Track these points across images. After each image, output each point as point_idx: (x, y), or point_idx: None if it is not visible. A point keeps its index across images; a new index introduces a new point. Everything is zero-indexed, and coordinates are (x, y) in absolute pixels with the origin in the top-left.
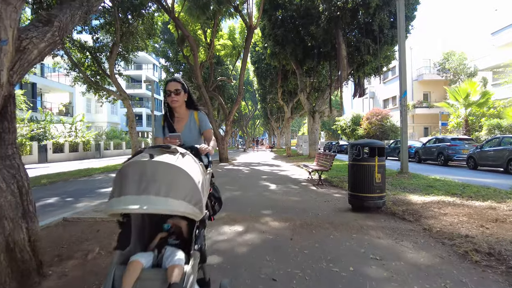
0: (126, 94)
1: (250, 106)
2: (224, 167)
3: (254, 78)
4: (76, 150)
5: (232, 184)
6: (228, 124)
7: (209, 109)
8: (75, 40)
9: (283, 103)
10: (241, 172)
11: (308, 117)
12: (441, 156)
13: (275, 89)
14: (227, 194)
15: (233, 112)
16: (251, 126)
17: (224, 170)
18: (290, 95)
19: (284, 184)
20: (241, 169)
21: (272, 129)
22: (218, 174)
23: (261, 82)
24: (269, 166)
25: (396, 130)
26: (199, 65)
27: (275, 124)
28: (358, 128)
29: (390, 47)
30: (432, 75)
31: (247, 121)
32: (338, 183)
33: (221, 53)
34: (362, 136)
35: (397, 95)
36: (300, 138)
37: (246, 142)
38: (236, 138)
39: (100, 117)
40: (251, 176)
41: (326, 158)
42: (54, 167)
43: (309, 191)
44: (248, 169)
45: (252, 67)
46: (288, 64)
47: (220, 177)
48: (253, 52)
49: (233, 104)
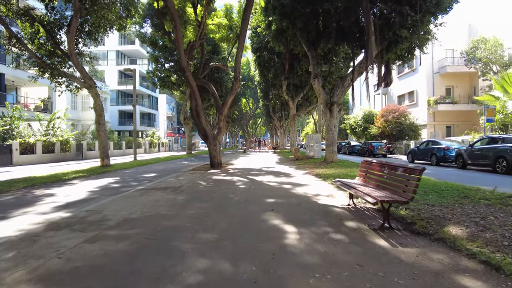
0: (92, 81)
1: (251, 104)
2: (213, 176)
3: (256, 72)
4: (52, 151)
5: (210, 223)
6: (221, 119)
7: (196, 100)
8: (20, 8)
9: (288, 98)
10: (234, 187)
11: (324, 111)
12: (502, 161)
13: (279, 82)
14: (189, 263)
15: (227, 103)
16: (252, 125)
17: (210, 184)
18: (296, 90)
19: (311, 223)
20: (235, 180)
21: (274, 129)
22: (199, 191)
23: (263, 74)
24: (274, 175)
25: (416, 129)
26: (188, 46)
27: (278, 123)
28: (370, 127)
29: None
30: (456, 66)
31: (247, 120)
32: (433, 228)
33: (216, 36)
34: (375, 136)
35: (414, 90)
36: (310, 138)
37: (246, 142)
38: (236, 138)
39: (87, 115)
40: (249, 198)
41: (394, 173)
42: (16, 172)
43: (377, 257)
44: (246, 181)
45: (253, 56)
46: (297, 46)
47: (197, 201)
48: (254, 37)
49: (228, 93)
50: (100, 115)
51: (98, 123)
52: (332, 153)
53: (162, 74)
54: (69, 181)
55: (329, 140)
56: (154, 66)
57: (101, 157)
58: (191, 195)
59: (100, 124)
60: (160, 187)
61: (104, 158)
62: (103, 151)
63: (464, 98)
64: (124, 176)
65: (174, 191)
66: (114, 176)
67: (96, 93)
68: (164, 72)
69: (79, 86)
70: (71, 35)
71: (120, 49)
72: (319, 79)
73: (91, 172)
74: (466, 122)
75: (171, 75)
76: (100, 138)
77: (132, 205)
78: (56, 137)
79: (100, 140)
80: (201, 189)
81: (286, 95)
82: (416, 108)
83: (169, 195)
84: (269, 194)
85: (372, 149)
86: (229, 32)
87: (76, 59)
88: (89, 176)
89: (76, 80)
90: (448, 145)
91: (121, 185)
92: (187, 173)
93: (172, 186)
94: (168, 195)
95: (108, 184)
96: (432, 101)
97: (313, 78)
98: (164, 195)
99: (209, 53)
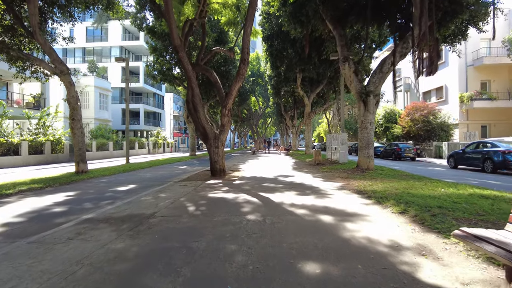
0: (65, 66)
1: (261, 102)
2: (211, 192)
3: (267, 66)
4: (41, 152)
5: None
6: (225, 113)
7: (193, 89)
8: None
9: (303, 94)
10: (237, 222)
11: (358, 103)
12: None
13: (293, 75)
14: None
15: (232, 92)
16: (262, 125)
17: (200, 209)
18: (312, 84)
19: None
20: (241, 202)
21: (285, 128)
22: (174, 233)
23: (275, 65)
24: (297, 191)
25: (448, 128)
26: (185, 24)
27: (289, 122)
28: (393, 126)
29: None
30: (495, 58)
31: (257, 119)
32: None
33: (221, 19)
34: (397, 137)
35: (443, 86)
36: (333, 138)
37: (256, 143)
38: (245, 138)
39: (86, 113)
40: (265, 258)
41: None
42: None
43: None
44: (257, 203)
45: (264, 45)
46: (319, 26)
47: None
48: (266, 23)
49: (234, 80)
50: (74, 108)
51: (72, 119)
52: (368, 158)
53: (163, 67)
54: (2, 199)
55: (364, 141)
56: (155, 57)
57: (76, 162)
58: (156, 244)
59: (74, 120)
60: (117, 217)
61: (79, 162)
62: (79, 153)
63: (503, 94)
64: (87, 191)
65: (134, 228)
66: (76, 189)
67: (69, 81)
68: (165, 65)
69: (49, 72)
70: (32, 4)
71: (124, 44)
72: (349, 62)
73: (53, 182)
74: (505, 121)
75: (172, 68)
76: (75, 138)
77: (19, 276)
78: (47, 136)
79: (76, 141)
80: (182, 225)
81: (300, 90)
82: (445, 106)
83: (116, 243)
84: (300, 243)
85: (399, 152)
86: (236, 15)
87: (43, 38)
88: (41, 190)
89: (44, 64)
90: (509, 148)
91: (66, 209)
92: (177, 185)
93: (139, 214)
94: (116, 241)
95: (47, 208)
96: (466, 97)
97: (342, 62)
98: (108, 242)
99: (214, 41)
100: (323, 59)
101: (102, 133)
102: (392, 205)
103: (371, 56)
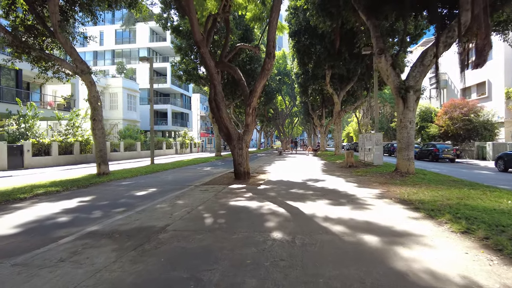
0: (86, 65)
1: (288, 101)
2: (232, 199)
3: (293, 64)
4: (70, 153)
5: None
6: (249, 112)
7: (215, 86)
8: None
9: (333, 91)
10: (261, 240)
11: (396, 100)
12: None
13: (322, 72)
14: None
15: (257, 89)
16: (288, 125)
17: (219, 222)
18: (341, 81)
19: None
20: (266, 212)
21: (313, 128)
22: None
23: (302, 62)
24: (331, 199)
25: (493, 127)
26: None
27: (317, 122)
28: (429, 126)
29: None
30: None
31: (283, 119)
32: None
33: (246, 15)
34: (433, 136)
35: (486, 81)
36: (366, 138)
37: (282, 143)
38: (272, 138)
39: (115, 114)
40: (301, 281)
41: None
42: (20, 177)
43: None
44: (284, 214)
45: (291, 41)
46: (350, 18)
47: None
48: (292, 19)
49: (259, 76)
50: (95, 108)
51: (93, 119)
52: (408, 161)
53: (188, 66)
54: (13, 204)
55: (403, 141)
56: (180, 57)
57: (97, 163)
58: (159, 273)
59: (95, 120)
60: (124, 231)
61: (100, 164)
62: (100, 155)
63: None
64: (102, 196)
65: (139, 247)
66: (92, 193)
67: (90, 80)
68: (190, 64)
69: (70, 72)
70: (53, 3)
71: (151, 46)
72: (386, 55)
73: (71, 185)
74: None
75: (198, 68)
76: (96, 138)
77: None
78: (76, 137)
79: (96, 142)
80: (195, 244)
81: (330, 88)
82: (488, 103)
83: (112, 269)
84: (342, 278)
85: (437, 152)
86: (262, 10)
87: (63, 36)
88: (57, 194)
89: (65, 64)
90: None
91: (72, 218)
92: (197, 190)
93: (149, 228)
94: (113, 266)
95: (54, 216)
96: None
97: (377, 55)
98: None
99: (239, 39)
100: (354, 54)
101: (130, 134)
102: (449, 221)
103: (405, 50)
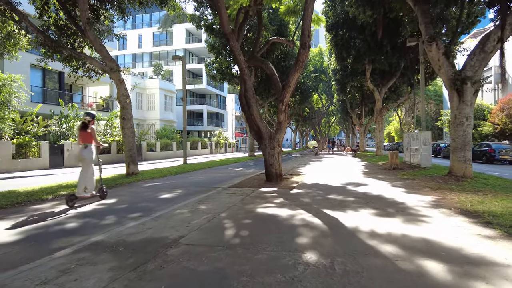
0: (115, 63)
1: (324, 100)
2: (261, 205)
3: (331, 60)
4: (107, 152)
5: None
6: (281, 109)
7: (245, 82)
8: None
9: (373, 88)
10: (294, 250)
11: (450, 93)
12: None
13: (362, 66)
14: None
15: (290, 84)
16: (325, 124)
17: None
18: (383, 77)
19: None
20: (298, 224)
21: (351, 127)
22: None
23: (340, 56)
24: (377, 209)
25: None
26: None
27: (356, 121)
28: (481, 124)
29: None
30: None
31: (320, 118)
32: None
33: (280, 8)
34: (486, 136)
35: None
36: (412, 138)
37: (318, 143)
38: (307, 138)
39: (152, 114)
40: None
41: None
42: (58, 175)
43: None
44: (321, 227)
45: (328, 35)
46: (394, 5)
47: None
48: (329, 11)
49: (292, 69)
50: (124, 107)
51: (122, 118)
52: (464, 163)
53: (222, 65)
54: (33, 205)
55: (459, 140)
56: (214, 56)
57: (126, 163)
58: None
59: (125, 119)
60: (130, 243)
61: (129, 164)
62: (129, 154)
63: None
64: (123, 198)
65: (140, 267)
66: (114, 195)
67: (119, 78)
68: (223, 63)
69: (100, 70)
70: (82, 0)
71: (187, 47)
72: (438, 43)
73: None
74: None
75: (231, 67)
76: (126, 138)
77: None
78: (113, 137)
79: (126, 141)
80: (208, 265)
81: (370, 84)
82: None
83: None
84: None
85: (492, 153)
86: (296, 2)
87: (93, 34)
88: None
89: (94, 62)
90: None
91: (81, 224)
92: (224, 193)
93: (160, 239)
94: None
95: (63, 222)
96: None
97: (428, 43)
98: None
99: (274, 35)
100: (396, 47)
101: (166, 134)
102: None
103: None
